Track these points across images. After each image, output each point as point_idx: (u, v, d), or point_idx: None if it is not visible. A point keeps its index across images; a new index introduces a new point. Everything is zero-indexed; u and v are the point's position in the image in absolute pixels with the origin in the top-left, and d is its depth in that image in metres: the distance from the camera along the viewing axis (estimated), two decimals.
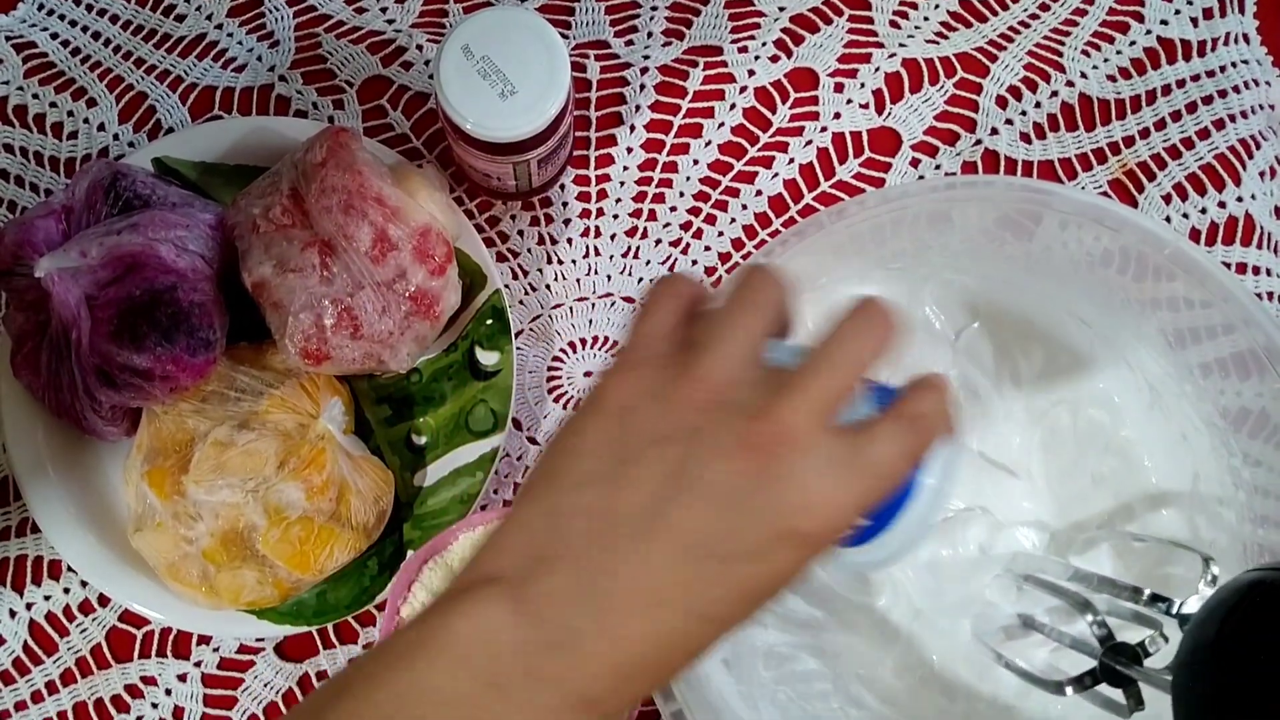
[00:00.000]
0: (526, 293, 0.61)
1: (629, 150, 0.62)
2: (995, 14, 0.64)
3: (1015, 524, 0.55)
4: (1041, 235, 0.52)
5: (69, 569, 0.58)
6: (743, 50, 0.63)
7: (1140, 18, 0.64)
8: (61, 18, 0.63)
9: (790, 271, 0.36)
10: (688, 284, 0.37)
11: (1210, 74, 0.63)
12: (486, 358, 0.58)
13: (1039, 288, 0.57)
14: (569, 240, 0.62)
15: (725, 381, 0.33)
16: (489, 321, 0.58)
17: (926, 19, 0.64)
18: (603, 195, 0.62)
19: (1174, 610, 0.45)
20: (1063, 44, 0.64)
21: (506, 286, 0.60)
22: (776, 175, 0.62)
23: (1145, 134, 0.63)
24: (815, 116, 0.63)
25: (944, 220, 0.53)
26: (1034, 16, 0.64)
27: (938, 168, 0.63)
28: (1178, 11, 0.64)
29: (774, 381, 0.33)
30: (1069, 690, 0.47)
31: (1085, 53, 0.64)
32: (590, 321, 0.61)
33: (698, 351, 0.34)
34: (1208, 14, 0.64)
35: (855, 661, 0.54)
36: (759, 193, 0.62)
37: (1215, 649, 0.36)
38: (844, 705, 0.54)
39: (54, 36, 0.63)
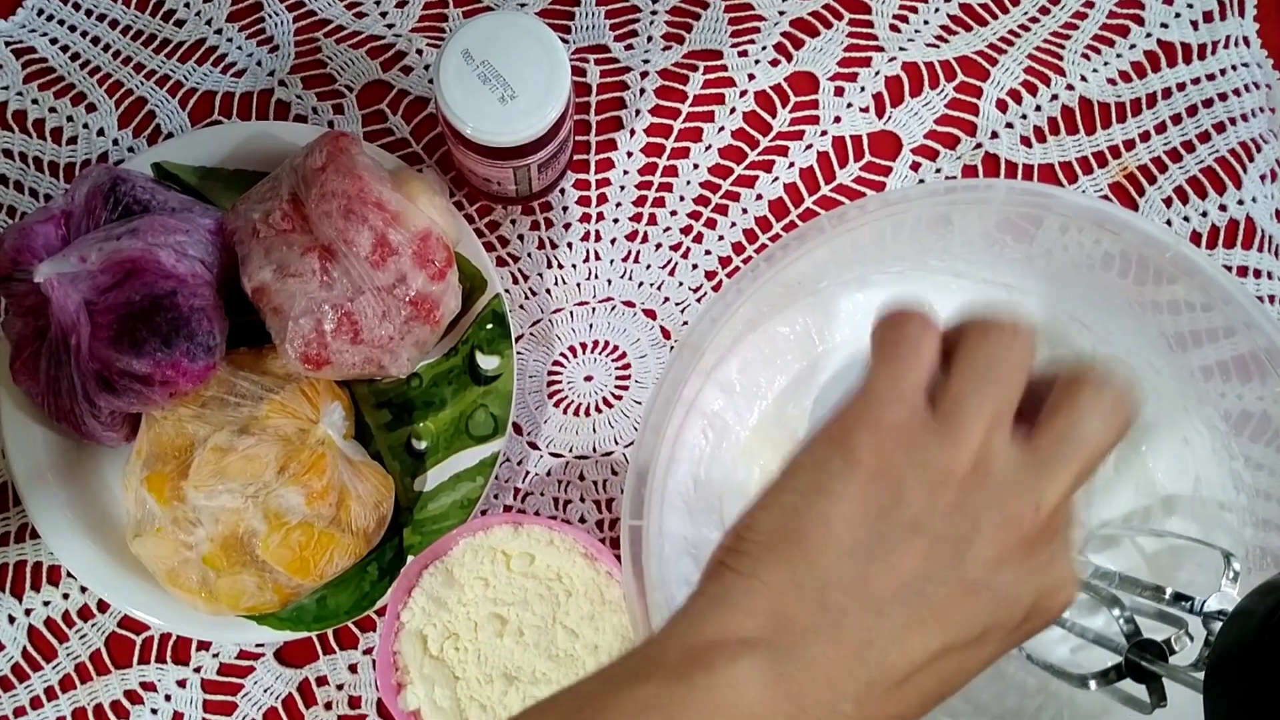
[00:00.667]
0: (527, 297, 0.61)
1: (629, 154, 0.62)
2: (995, 17, 0.64)
3: None
4: (1042, 239, 0.52)
5: (68, 575, 0.58)
6: (743, 54, 0.63)
7: (1140, 21, 0.64)
8: (61, 23, 0.63)
9: (1032, 322, 0.34)
10: (934, 325, 0.35)
11: (1210, 77, 0.63)
12: (487, 362, 0.58)
13: (1039, 291, 0.57)
14: (569, 245, 0.62)
15: (989, 452, 0.32)
16: (489, 326, 0.58)
17: (926, 23, 0.64)
18: (603, 200, 0.62)
19: (1195, 608, 0.45)
20: (1063, 47, 0.64)
21: (507, 291, 0.60)
22: (777, 179, 0.62)
23: (1146, 137, 0.63)
24: (815, 120, 0.63)
25: (944, 224, 0.53)
26: (1034, 20, 0.64)
27: (938, 171, 0.63)
28: (1178, 15, 0.64)
29: (1032, 460, 0.32)
30: (1093, 684, 0.47)
31: (1085, 56, 0.64)
32: (590, 326, 0.61)
33: (955, 411, 0.32)
34: (1208, 17, 0.64)
35: None
36: (759, 197, 0.62)
37: (1253, 648, 0.36)
38: None
39: (53, 42, 0.63)
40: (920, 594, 0.31)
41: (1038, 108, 0.63)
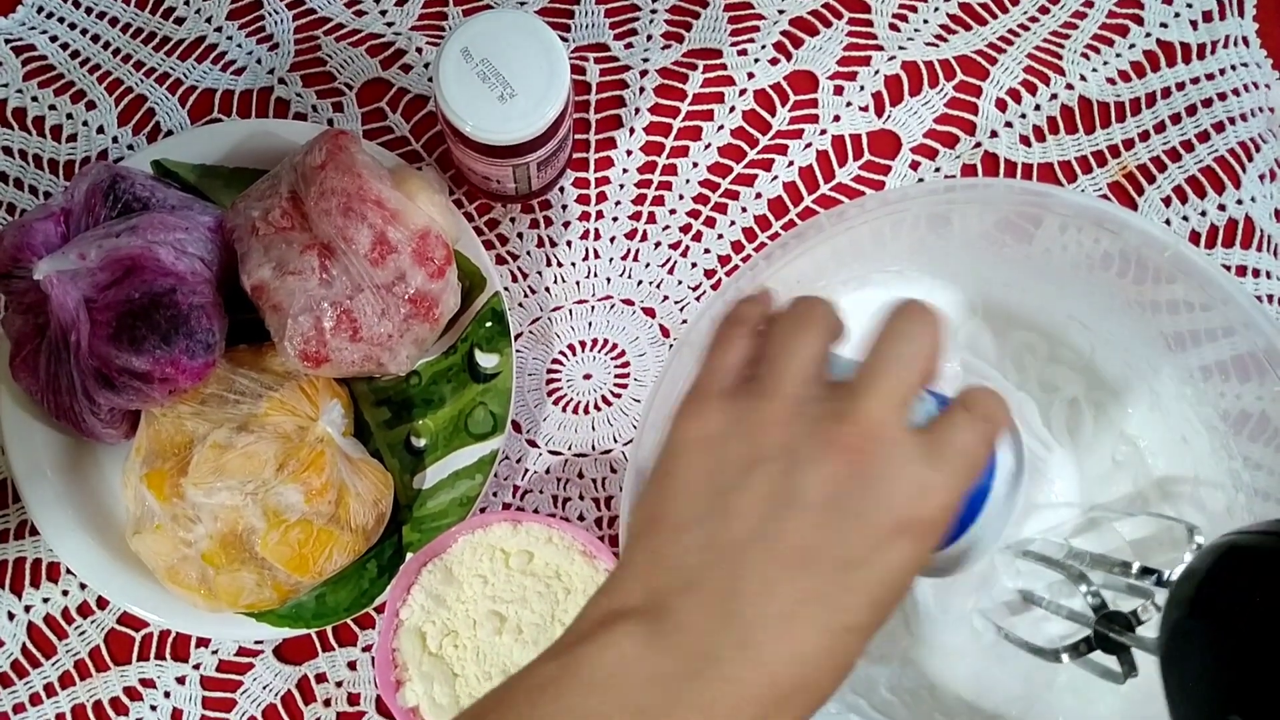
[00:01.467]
0: (526, 295, 0.61)
1: (628, 153, 0.62)
2: (995, 16, 0.64)
3: (1048, 504, 0.55)
4: (1041, 238, 0.52)
5: (68, 571, 0.58)
6: (742, 53, 0.63)
7: (1140, 20, 0.64)
8: (61, 20, 0.63)
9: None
10: (751, 307, 0.38)
11: (1210, 77, 0.63)
12: (486, 360, 0.58)
13: (1039, 290, 0.57)
14: (568, 243, 0.62)
15: (800, 395, 0.34)
16: (488, 324, 0.58)
17: (926, 22, 0.64)
18: (602, 198, 0.62)
19: (1164, 580, 0.46)
20: (1062, 47, 0.64)
21: (506, 289, 0.60)
22: (776, 178, 0.62)
23: (1145, 137, 0.63)
24: (815, 119, 0.63)
25: (943, 223, 0.53)
26: (1033, 19, 0.64)
27: (937, 170, 0.63)
28: (1177, 14, 0.64)
29: (845, 388, 0.34)
30: (1065, 657, 0.48)
31: (1085, 55, 0.64)
32: (590, 324, 0.61)
33: (767, 372, 0.35)
34: (1207, 17, 0.64)
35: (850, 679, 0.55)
36: (758, 195, 0.62)
37: (1193, 611, 0.38)
38: (841, 711, 0.54)
39: (53, 39, 0.63)
40: (770, 533, 0.33)
41: (1037, 107, 0.63)
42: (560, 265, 0.61)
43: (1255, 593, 0.36)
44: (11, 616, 0.58)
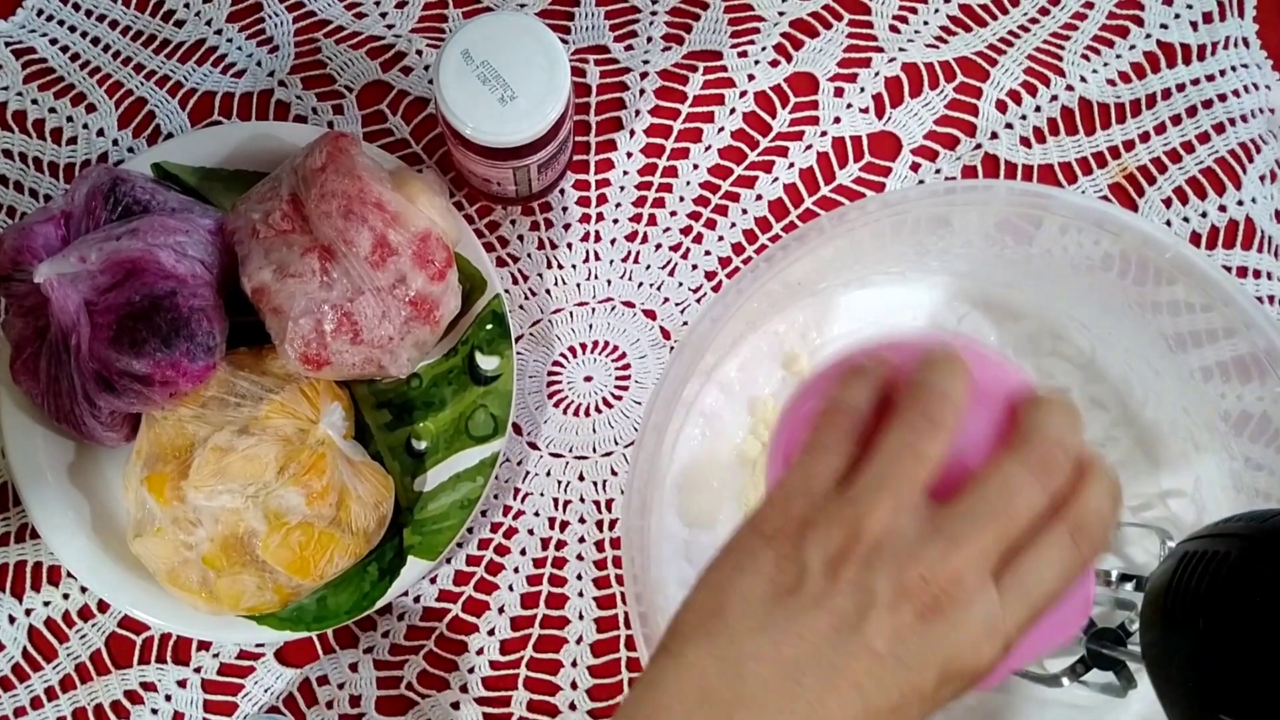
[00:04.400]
0: (526, 297, 0.61)
1: (629, 155, 0.62)
2: (995, 18, 0.64)
3: None
4: (1041, 239, 0.52)
5: (68, 575, 0.58)
6: (742, 55, 0.63)
7: (1140, 22, 0.64)
8: (61, 23, 0.63)
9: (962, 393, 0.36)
10: (859, 390, 0.37)
11: (1210, 78, 0.63)
12: (486, 363, 0.58)
13: (1039, 291, 0.57)
14: (569, 245, 0.62)
15: (887, 530, 0.34)
16: (489, 326, 0.58)
17: (926, 23, 0.64)
18: (603, 200, 0.62)
19: (1142, 585, 0.46)
20: (1062, 48, 0.64)
21: (506, 291, 0.60)
22: (776, 180, 0.62)
23: (1145, 138, 0.63)
24: (815, 121, 0.63)
25: (944, 225, 0.53)
26: (1033, 21, 0.64)
27: (938, 172, 0.63)
28: (1177, 16, 0.64)
29: (931, 530, 0.34)
30: (1065, 681, 0.49)
31: (1085, 57, 0.64)
32: (590, 326, 0.61)
33: (861, 501, 0.34)
34: (1207, 18, 0.64)
35: None
36: (759, 197, 0.62)
37: (1164, 619, 0.39)
38: None
39: (53, 42, 0.63)
40: (830, 664, 0.33)
41: (1037, 108, 0.63)
42: (561, 267, 0.61)
43: (1210, 595, 0.37)
44: (12, 620, 0.58)
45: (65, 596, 0.58)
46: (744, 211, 0.62)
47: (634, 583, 0.48)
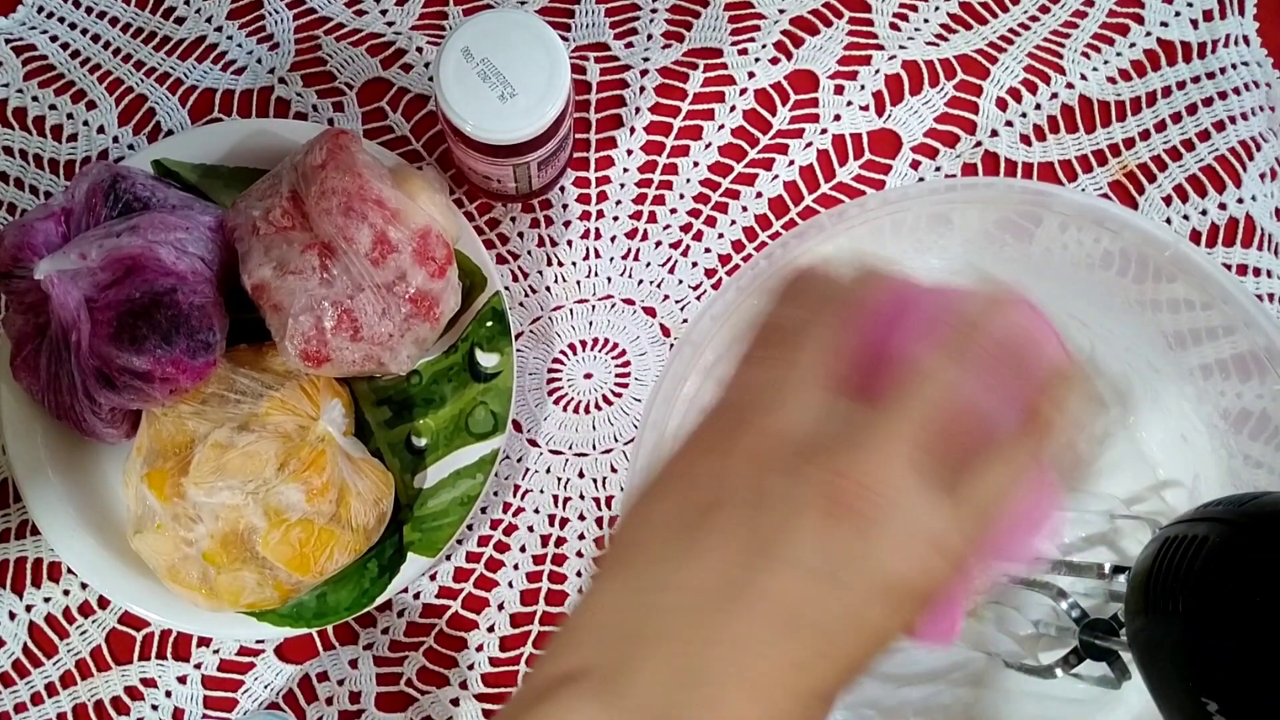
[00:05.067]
0: (526, 295, 0.61)
1: (629, 152, 0.62)
2: (995, 16, 0.64)
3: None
4: (1041, 237, 0.52)
5: (69, 571, 0.58)
6: (742, 52, 0.63)
7: (1140, 20, 0.64)
8: (61, 20, 0.63)
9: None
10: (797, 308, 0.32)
11: (1210, 76, 0.63)
12: (486, 360, 0.58)
13: (1039, 289, 0.57)
14: (569, 242, 0.62)
15: (797, 432, 0.30)
16: (489, 323, 0.58)
17: (927, 21, 0.64)
18: (603, 197, 0.62)
19: None
20: (1063, 46, 0.64)
21: (506, 288, 0.60)
22: (776, 177, 0.62)
23: (1145, 136, 0.63)
24: (815, 119, 0.63)
25: (944, 222, 0.53)
26: (1034, 19, 0.64)
27: (938, 170, 0.63)
28: (1178, 14, 0.64)
29: (856, 420, 0.30)
30: (1059, 672, 0.49)
31: (1085, 55, 0.64)
32: (590, 323, 0.61)
33: (783, 401, 0.30)
34: (1208, 16, 0.64)
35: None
36: (759, 195, 0.62)
37: (1147, 606, 0.39)
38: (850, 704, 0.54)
39: (54, 39, 0.63)
40: (750, 586, 0.29)
41: (1037, 106, 0.63)
42: (561, 265, 0.62)
43: (1189, 578, 0.37)
44: (13, 616, 0.58)
45: (66, 593, 0.59)
46: (744, 209, 0.62)
47: None
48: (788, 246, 0.50)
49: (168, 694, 0.58)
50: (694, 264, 0.62)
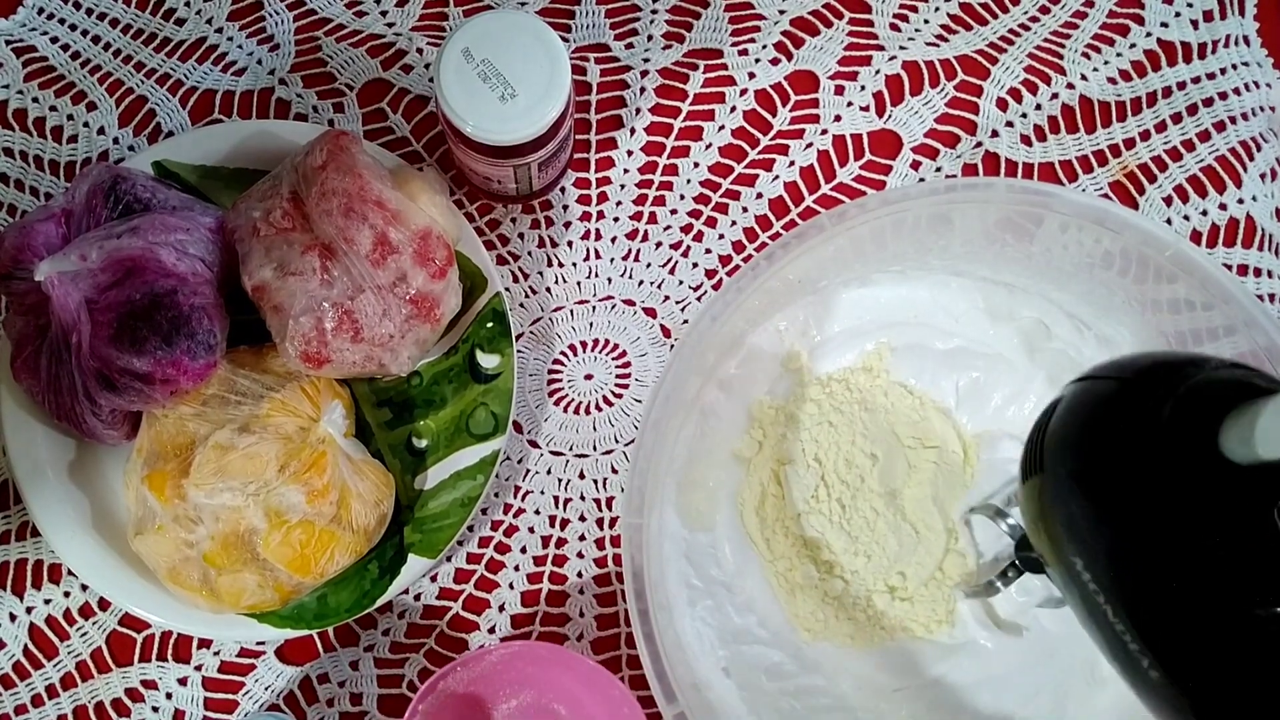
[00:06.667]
0: (527, 295, 0.61)
1: (629, 153, 0.62)
2: (995, 17, 0.64)
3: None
4: (1042, 237, 0.52)
5: (69, 573, 0.58)
6: (743, 53, 0.63)
7: (1140, 20, 0.64)
8: (61, 22, 0.63)
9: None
10: None
11: (1210, 76, 0.63)
12: (487, 361, 0.58)
13: (1039, 290, 0.57)
14: (569, 243, 0.62)
15: None
16: (489, 324, 0.58)
17: (927, 21, 0.64)
18: (603, 198, 0.62)
19: None
20: (1063, 47, 0.64)
21: (507, 289, 0.60)
22: (777, 178, 0.62)
23: (1146, 136, 0.63)
24: (815, 119, 0.63)
25: (944, 223, 0.53)
26: (1034, 19, 0.64)
27: (938, 170, 0.63)
28: (1178, 14, 0.64)
29: None
30: (999, 584, 0.52)
31: (1085, 55, 0.64)
32: (591, 324, 0.61)
33: None
34: (1208, 16, 0.64)
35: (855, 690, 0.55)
36: (759, 195, 0.62)
37: (1022, 468, 0.40)
38: None
39: (54, 40, 0.63)
40: None
41: (1038, 106, 0.63)
42: (561, 265, 0.61)
43: (1048, 441, 0.38)
44: (13, 618, 0.58)
45: (66, 594, 0.58)
46: (745, 210, 0.62)
47: (633, 579, 0.48)
48: (788, 247, 0.50)
49: (168, 696, 0.58)
50: (694, 265, 0.62)
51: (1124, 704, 0.53)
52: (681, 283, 0.61)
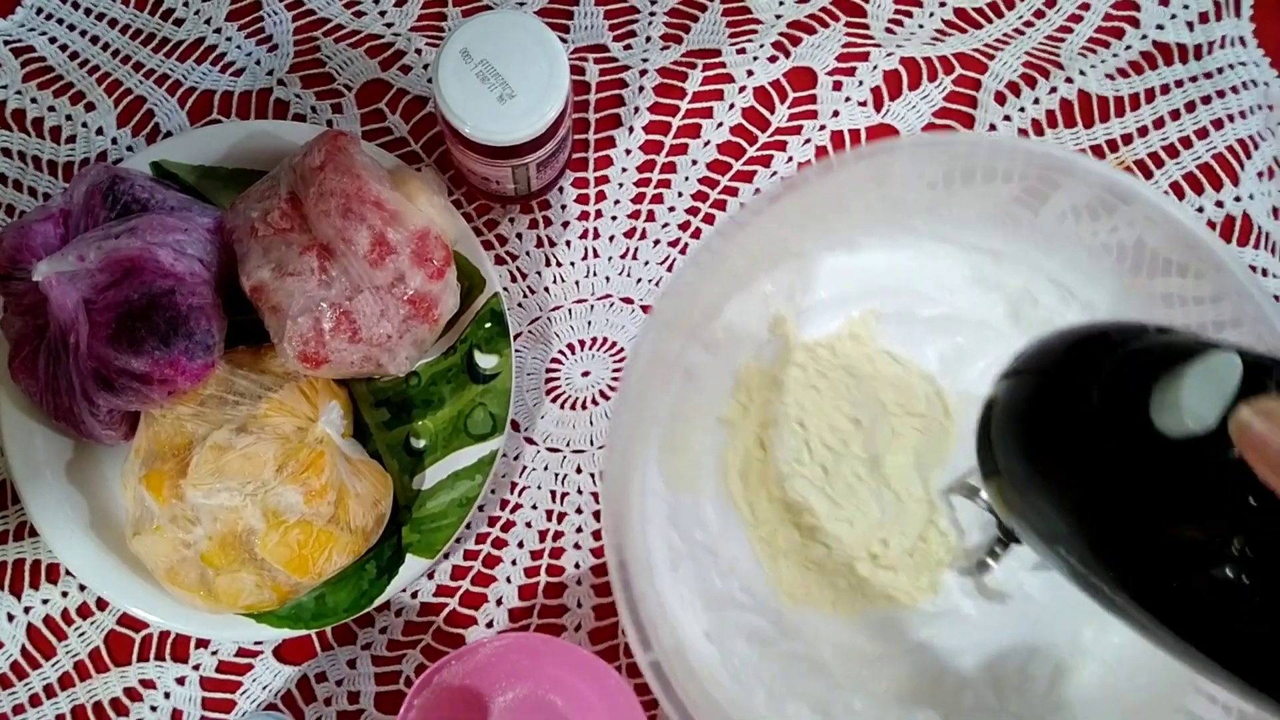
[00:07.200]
0: (525, 295, 0.61)
1: (627, 152, 0.63)
2: (990, 21, 0.64)
3: None
4: (1047, 212, 0.52)
5: (67, 573, 0.58)
6: (741, 52, 0.63)
7: (1136, 23, 0.64)
8: (60, 22, 0.63)
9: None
10: None
11: (1208, 75, 0.63)
12: (485, 361, 0.58)
13: (1026, 258, 0.57)
14: (567, 243, 0.62)
15: None
16: (487, 324, 0.58)
17: (921, 26, 0.64)
18: (601, 197, 0.62)
19: None
20: (1058, 50, 0.64)
21: (505, 289, 0.60)
22: (775, 174, 0.62)
23: (1143, 133, 0.63)
24: (814, 115, 0.63)
25: (931, 186, 0.53)
26: (1029, 24, 0.64)
27: None
28: (1174, 16, 0.64)
29: None
30: (989, 560, 0.53)
31: (1083, 54, 0.64)
32: (589, 323, 0.61)
33: None
34: (1204, 18, 0.64)
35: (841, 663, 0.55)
36: (757, 192, 0.62)
37: (977, 455, 0.42)
38: (830, 686, 0.54)
39: (52, 41, 0.63)
40: None
41: (1036, 101, 0.63)
42: (559, 265, 0.62)
43: (992, 433, 0.40)
44: (11, 618, 0.58)
45: (64, 594, 0.58)
46: (742, 206, 0.62)
47: (613, 532, 0.46)
48: (776, 199, 0.50)
49: (166, 695, 0.58)
50: None
51: (1106, 670, 0.54)
52: None
